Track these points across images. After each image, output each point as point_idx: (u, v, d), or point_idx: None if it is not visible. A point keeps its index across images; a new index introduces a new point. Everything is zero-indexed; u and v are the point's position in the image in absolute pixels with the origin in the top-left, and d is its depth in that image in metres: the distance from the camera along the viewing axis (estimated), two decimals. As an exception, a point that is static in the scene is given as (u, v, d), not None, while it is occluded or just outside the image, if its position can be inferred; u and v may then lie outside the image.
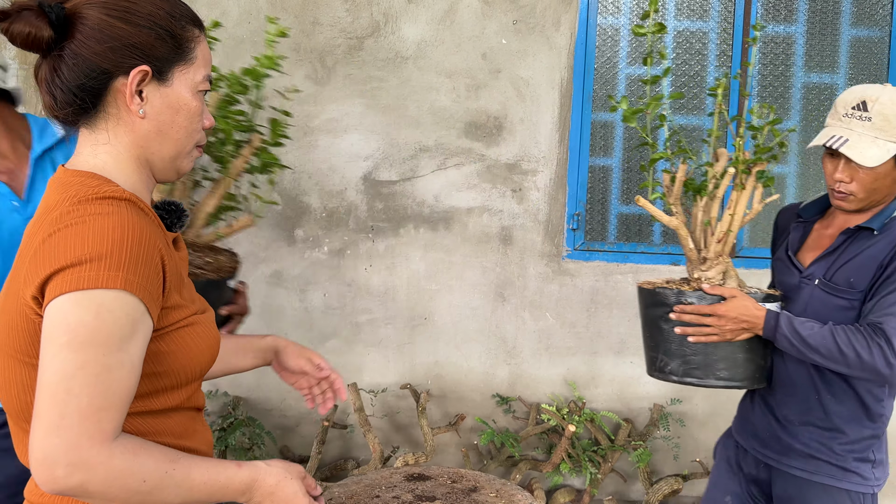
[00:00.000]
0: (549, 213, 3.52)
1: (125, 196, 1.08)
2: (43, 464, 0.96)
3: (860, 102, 1.80)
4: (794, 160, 3.58)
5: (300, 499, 1.18)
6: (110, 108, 1.12)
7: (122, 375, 1.00)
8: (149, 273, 1.04)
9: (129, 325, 1.01)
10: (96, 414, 0.98)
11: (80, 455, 0.96)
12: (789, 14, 3.56)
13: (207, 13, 3.55)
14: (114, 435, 1.00)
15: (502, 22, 3.50)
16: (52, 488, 0.97)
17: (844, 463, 1.90)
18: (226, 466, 1.11)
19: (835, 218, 1.98)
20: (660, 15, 3.59)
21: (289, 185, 3.57)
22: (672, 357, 1.88)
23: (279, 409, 3.62)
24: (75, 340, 0.97)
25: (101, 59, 1.08)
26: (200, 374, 1.19)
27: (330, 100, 3.54)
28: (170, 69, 1.13)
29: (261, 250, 3.59)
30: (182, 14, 1.15)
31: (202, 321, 1.18)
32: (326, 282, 3.59)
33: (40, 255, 1.01)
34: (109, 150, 1.14)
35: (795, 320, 1.81)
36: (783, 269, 2.04)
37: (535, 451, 3.52)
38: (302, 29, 3.54)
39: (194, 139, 1.19)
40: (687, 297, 1.84)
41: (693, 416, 3.53)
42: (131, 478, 1.00)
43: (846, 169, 1.81)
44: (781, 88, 3.57)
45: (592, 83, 3.56)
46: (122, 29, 1.09)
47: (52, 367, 0.97)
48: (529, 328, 3.56)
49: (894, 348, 1.72)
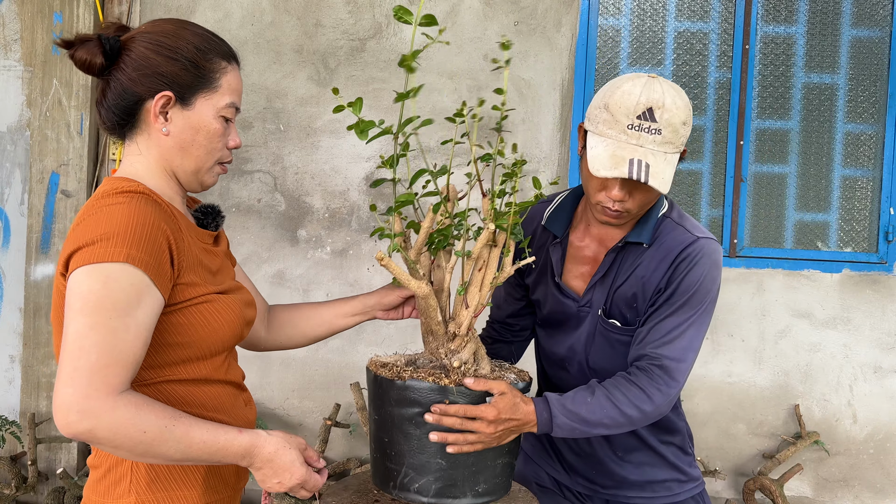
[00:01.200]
0: (551, 213, 3.54)
1: (140, 190, 1.27)
2: (59, 410, 1.11)
3: (646, 111, 1.52)
4: (794, 160, 3.59)
5: (297, 468, 1.29)
6: (142, 126, 1.34)
7: (128, 337, 1.16)
8: (153, 251, 1.20)
9: (134, 293, 1.17)
10: (103, 369, 1.12)
11: (88, 404, 1.11)
12: (789, 14, 3.57)
13: (211, 15, 3.58)
14: (119, 389, 1.14)
15: (503, 23, 3.51)
16: (67, 432, 1.12)
17: (682, 473, 1.86)
18: (226, 430, 1.24)
19: (589, 229, 1.76)
20: (660, 15, 3.61)
21: (292, 186, 3.60)
22: (422, 472, 1.46)
23: (282, 407, 3.64)
24: (87, 306, 1.14)
25: (134, 84, 1.31)
26: (223, 346, 1.34)
27: (333, 101, 3.56)
28: (193, 95, 1.33)
29: (264, 250, 3.61)
30: (211, 48, 1.35)
31: (223, 300, 1.33)
32: (329, 282, 3.60)
33: (69, 239, 1.21)
34: (141, 160, 1.35)
35: (566, 401, 1.54)
36: (555, 298, 1.77)
37: (536, 450, 3.53)
38: (304, 31, 3.56)
39: (214, 157, 1.37)
40: (450, 394, 1.43)
41: (694, 414, 3.54)
42: (133, 428, 1.13)
43: (625, 186, 1.57)
44: (782, 89, 3.59)
45: (594, 84, 3.57)
46: (153, 60, 1.30)
47: (69, 329, 1.14)
48: (531, 328, 3.57)
49: (676, 381, 1.59)
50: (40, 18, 3.53)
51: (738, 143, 3.56)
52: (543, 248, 1.80)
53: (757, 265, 3.52)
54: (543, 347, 1.89)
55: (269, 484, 1.29)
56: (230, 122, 1.38)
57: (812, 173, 3.60)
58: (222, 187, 3.60)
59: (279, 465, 1.28)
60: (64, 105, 3.53)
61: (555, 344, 1.83)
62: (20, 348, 3.59)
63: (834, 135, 3.59)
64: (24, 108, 3.58)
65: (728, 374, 3.53)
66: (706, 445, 3.55)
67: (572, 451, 1.84)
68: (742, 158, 3.56)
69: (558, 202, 1.80)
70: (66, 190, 3.54)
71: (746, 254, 3.56)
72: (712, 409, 3.54)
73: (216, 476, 1.36)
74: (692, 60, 3.60)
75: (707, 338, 3.53)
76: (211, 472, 1.34)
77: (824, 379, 3.52)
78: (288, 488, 1.30)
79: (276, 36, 3.57)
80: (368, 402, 1.57)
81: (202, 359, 1.32)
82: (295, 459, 1.29)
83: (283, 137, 3.59)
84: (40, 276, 3.55)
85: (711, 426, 3.54)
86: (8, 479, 3.45)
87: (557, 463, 1.89)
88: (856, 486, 3.54)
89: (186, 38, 1.33)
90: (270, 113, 3.59)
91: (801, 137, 3.60)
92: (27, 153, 3.58)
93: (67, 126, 3.53)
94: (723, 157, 3.59)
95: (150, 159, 1.34)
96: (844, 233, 3.60)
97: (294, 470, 1.29)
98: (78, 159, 3.53)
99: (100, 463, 1.31)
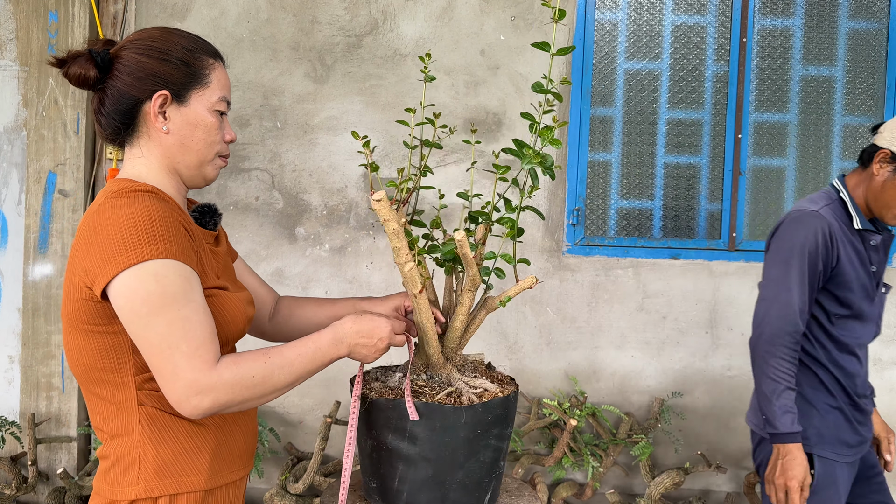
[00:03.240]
0: (549, 208, 3.54)
1: (146, 188, 1.33)
2: (178, 404, 1.23)
3: None
4: (792, 153, 3.59)
5: (379, 321, 1.43)
6: (142, 128, 1.38)
7: (200, 318, 1.26)
8: (179, 240, 1.27)
9: (183, 282, 1.25)
10: (196, 352, 1.23)
11: (199, 385, 1.23)
12: (787, 7, 3.57)
13: (207, 13, 3.57)
14: (216, 359, 1.26)
15: (500, 18, 3.50)
16: (197, 415, 1.25)
17: None
18: (310, 336, 1.39)
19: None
20: (657, 9, 3.60)
21: (289, 184, 3.59)
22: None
23: (282, 405, 3.64)
24: (153, 307, 1.22)
25: (130, 87, 1.35)
26: (226, 341, 1.39)
27: (329, 98, 3.56)
28: (187, 92, 1.38)
29: (262, 248, 3.61)
30: (198, 47, 1.40)
31: (228, 296, 1.39)
32: (328, 279, 3.60)
33: (91, 243, 1.25)
34: (143, 162, 1.39)
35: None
36: (867, 284, 2.15)
37: (536, 446, 3.53)
38: (301, 27, 3.55)
39: (214, 150, 1.42)
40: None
41: (694, 409, 3.54)
42: (244, 378, 1.27)
43: None
44: (780, 82, 3.58)
45: (591, 78, 3.57)
46: (145, 63, 1.35)
47: (149, 334, 1.23)
48: (530, 323, 3.57)
49: None
50: (35, 18, 3.52)
51: (736, 137, 3.55)
52: (846, 243, 2.11)
53: (756, 259, 3.51)
54: (842, 337, 2.14)
55: (370, 351, 1.43)
56: (224, 116, 1.44)
57: (811, 166, 3.60)
58: (220, 185, 3.60)
59: (366, 330, 1.42)
60: (60, 104, 3.52)
61: (860, 329, 2.16)
62: (19, 349, 3.59)
63: (832, 127, 3.58)
64: (20, 107, 3.57)
65: (728, 367, 3.53)
66: (706, 439, 3.55)
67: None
68: (740, 152, 3.55)
69: (840, 208, 2.15)
70: (63, 189, 3.53)
71: (745, 247, 3.56)
72: (712, 403, 3.54)
73: (221, 461, 1.40)
74: (689, 54, 3.60)
75: (706, 332, 3.53)
76: (216, 457, 1.39)
77: (824, 372, 3.52)
78: (387, 341, 1.44)
79: (272, 33, 3.56)
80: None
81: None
82: (373, 318, 1.43)
83: (281, 135, 3.59)
84: (38, 276, 3.54)
85: (711, 420, 3.54)
86: (8, 480, 3.45)
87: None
88: (856, 479, 3.54)
89: (174, 40, 1.39)
90: (267, 110, 3.58)
91: (799, 130, 3.59)
92: (24, 153, 3.57)
93: (64, 125, 3.52)
94: (721, 151, 3.59)
95: (153, 160, 1.39)
96: (843, 225, 3.59)
97: (378, 324, 1.43)
98: (75, 159, 3.52)
99: (108, 454, 1.35)
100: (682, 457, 3.55)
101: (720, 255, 3.54)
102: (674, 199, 3.63)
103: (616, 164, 3.63)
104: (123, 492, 1.32)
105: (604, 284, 3.54)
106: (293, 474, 3.34)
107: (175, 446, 1.34)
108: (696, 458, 3.51)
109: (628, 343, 3.56)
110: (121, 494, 1.32)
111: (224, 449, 1.40)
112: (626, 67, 3.60)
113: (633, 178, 3.64)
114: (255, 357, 1.30)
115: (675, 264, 3.53)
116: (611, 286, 3.54)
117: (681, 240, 3.61)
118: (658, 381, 3.55)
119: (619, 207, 3.65)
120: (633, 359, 3.56)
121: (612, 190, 3.64)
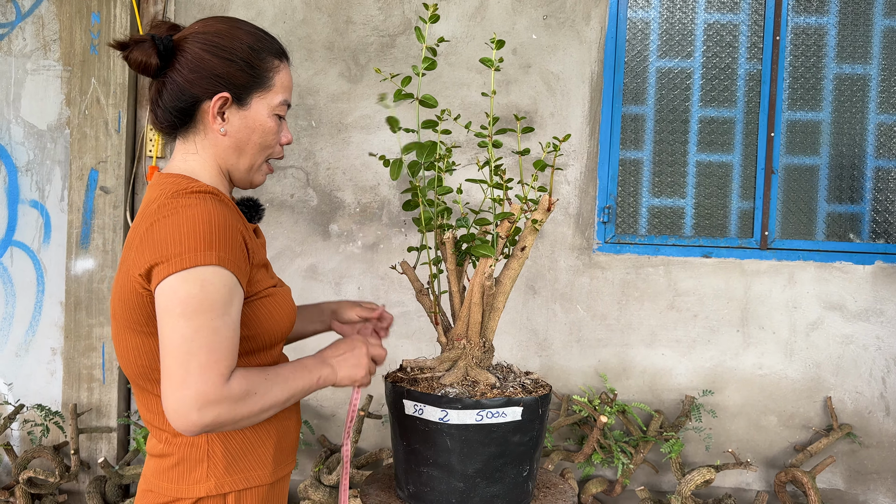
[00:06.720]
0: (580, 206, 3.56)
1: (209, 189, 1.31)
2: (177, 413, 1.17)
3: None
4: (825, 152, 3.57)
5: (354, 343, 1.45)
6: (199, 126, 1.36)
7: (228, 333, 1.21)
8: (235, 250, 1.24)
9: (227, 293, 1.22)
10: (214, 365, 1.18)
11: (207, 398, 1.17)
12: (821, 4, 3.55)
13: (244, 13, 3.63)
14: (228, 377, 1.21)
15: (532, 17, 3.53)
16: (192, 431, 1.18)
17: None
18: (300, 360, 1.37)
19: None
20: (689, 7, 3.60)
21: (323, 181, 3.65)
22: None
23: (315, 398, 3.70)
24: (188, 310, 1.18)
25: (191, 85, 1.32)
26: (282, 337, 1.39)
27: (363, 97, 3.61)
28: (248, 95, 1.35)
29: (297, 245, 3.67)
30: (264, 48, 1.37)
31: (279, 293, 1.38)
32: (360, 275, 3.66)
33: (147, 242, 1.22)
34: (196, 159, 1.37)
35: None
36: None
37: (566, 442, 3.56)
38: (335, 28, 3.61)
39: (266, 154, 1.40)
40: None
41: (725, 407, 3.54)
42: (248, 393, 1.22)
43: None
44: (813, 80, 3.56)
45: (623, 77, 3.58)
46: (209, 61, 1.32)
47: (173, 335, 1.18)
48: (560, 320, 3.59)
49: None
50: (78, 19, 3.61)
51: (768, 135, 3.54)
52: None
53: (788, 257, 3.50)
54: None
55: (351, 372, 1.42)
56: (283, 120, 1.41)
57: (844, 164, 3.58)
58: (256, 183, 3.66)
59: (343, 346, 1.43)
60: (102, 103, 3.61)
61: None
62: (62, 341, 3.69)
63: (866, 126, 3.56)
64: (63, 106, 3.67)
65: (759, 366, 3.53)
66: (737, 437, 3.55)
67: None
68: (773, 150, 3.55)
69: None
70: (104, 186, 3.62)
71: (777, 246, 3.55)
72: (743, 402, 3.54)
73: (281, 453, 1.42)
74: (722, 52, 3.59)
75: (737, 330, 3.53)
76: (278, 450, 1.41)
77: (856, 371, 3.50)
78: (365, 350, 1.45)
79: (307, 33, 3.62)
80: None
81: (264, 349, 1.37)
82: (348, 340, 1.45)
83: (315, 133, 3.65)
84: (80, 271, 3.64)
85: (742, 418, 3.54)
86: (52, 468, 3.55)
87: None
88: (888, 479, 3.52)
89: (240, 37, 1.35)
90: (302, 109, 3.64)
91: (832, 129, 3.57)
92: (67, 151, 3.67)
93: (105, 124, 3.61)
94: (753, 149, 3.58)
95: (206, 158, 1.37)
96: (877, 224, 3.57)
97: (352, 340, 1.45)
98: (116, 156, 3.62)
99: (170, 451, 1.33)
100: (712, 455, 3.56)
101: (752, 253, 3.54)
102: (706, 198, 3.63)
103: (647, 161, 3.64)
104: (191, 489, 1.31)
105: (634, 282, 3.56)
106: (326, 466, 3.40)
107: (242, 441, 1.34)
108: (727, 455, 3.51)
109: (659, 341, 3.56)
110: (188, 492, 1.31)
111: (284, 441, 1.42)
112: (659, 65, 3.61)
113: (665, 176, 3.64)
114: (256, 373, 1.27)
115: (707, 262, 3.53)
116: (641, 284, 3.55)
117: (712, 238, 3.61)
118: (688, 378, 3.55)
119: (651, 205, 3.65)
120: (663, 357, 3.57)
121: (643, 188, 3.65)
